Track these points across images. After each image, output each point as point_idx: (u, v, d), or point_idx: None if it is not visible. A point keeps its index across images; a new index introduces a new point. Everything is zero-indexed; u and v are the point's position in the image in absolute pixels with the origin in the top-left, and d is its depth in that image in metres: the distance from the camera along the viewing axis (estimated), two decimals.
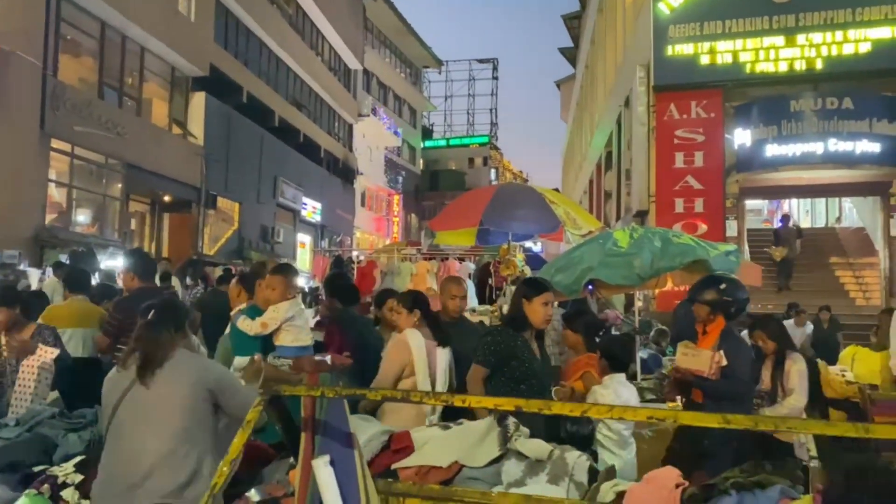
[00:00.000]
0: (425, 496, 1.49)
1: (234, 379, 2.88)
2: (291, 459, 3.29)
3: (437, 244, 12.39)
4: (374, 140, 39.50)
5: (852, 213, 20.20)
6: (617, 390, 4.26)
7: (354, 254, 14.37)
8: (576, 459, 2.97)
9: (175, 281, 11.23)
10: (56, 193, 16.58)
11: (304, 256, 29.31)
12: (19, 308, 4.59)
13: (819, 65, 14.32)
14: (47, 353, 4.43)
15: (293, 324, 4.24)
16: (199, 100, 21.40)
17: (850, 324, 12.88)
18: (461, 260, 11.26)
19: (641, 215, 15.39)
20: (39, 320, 4.92)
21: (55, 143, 15.60)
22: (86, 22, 16.96)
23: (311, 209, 29.99)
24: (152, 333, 2.83)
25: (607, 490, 2.77)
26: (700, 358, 4.23)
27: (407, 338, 4.11)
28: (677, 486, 2.60)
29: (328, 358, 1.59)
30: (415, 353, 4.05)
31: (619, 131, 20.09)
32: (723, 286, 4.36)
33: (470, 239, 10.03)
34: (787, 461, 2.63)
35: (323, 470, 1.46)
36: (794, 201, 24.01)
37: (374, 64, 40.44)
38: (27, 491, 3.22)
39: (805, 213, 24.90)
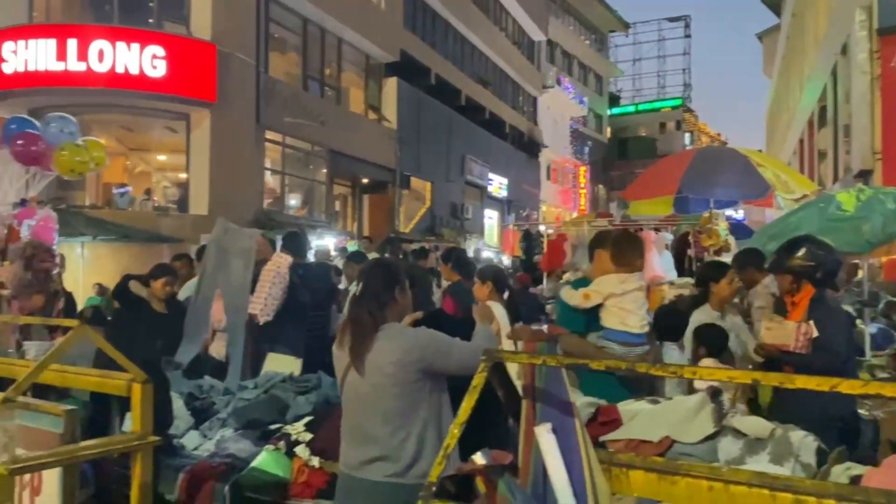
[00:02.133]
0: (650, 468, 1.46)
1: (441, 343, 2.70)
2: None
3: (629, 215, 12.01)
4: (558, 111, 39.00)
5: None
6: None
7: (542, 227, 14.35)
8: (801, 439, 2.75)
9: (375, 257, 11.94)
10: (271, 180, 18.25)
11: (492, 232, 29.81)
12: None
13: None
14: (282, 260, 5.23)
15: (620, 304, 3.78)
16: (391, 85, 22.41)
17: None
18: (657, 230, 10.79)
19: (865, 175, 13.79)
20: None
21: (269, 135, 17.16)
22: (290, 19, 18.37)
23: (498, 185, 30.36)
24: (357, 313, 2.77)
25: (839, 473, 2.54)
26: (784, 330, 3.68)
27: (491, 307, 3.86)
28: None
29: (545, 327, 1.61)
30: (501, 323, 3.87)
31: (835, 83, 18.10)
32: (802, 251, 3.75)
33: (666, 208, 9.62)
34: None
35: (545, 437, 1.48)
36: None
37: (558, 33, 39.78)
38: (266, 446, 3.60)
39: None
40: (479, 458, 1.46)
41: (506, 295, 4.41)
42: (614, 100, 54.95)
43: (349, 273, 5.69)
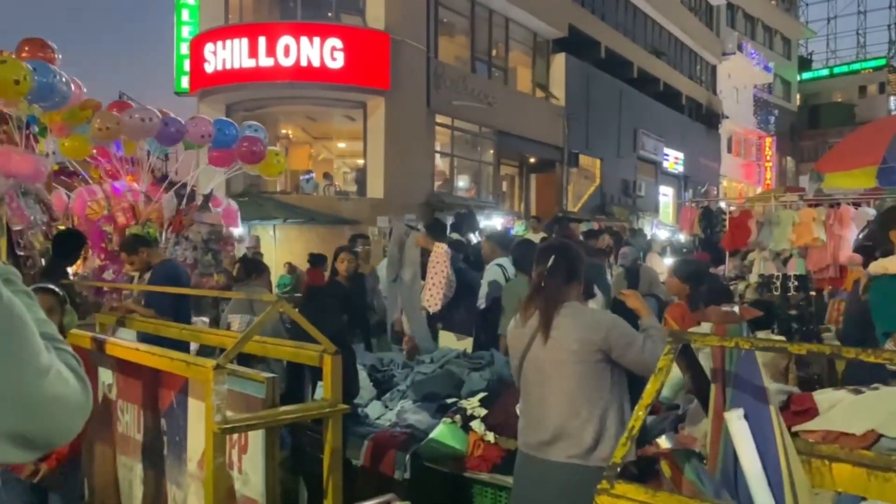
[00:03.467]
0: (858, 462, 1.34)
1: (626, 331, 2.66)
2: (679, 411, 3.27)
3: (823, 188, 10.99)
4: (741, 79, 36.39)
5: None
6: None
7: (723, 203, 13.51)
8: None
9: (543, 236, 11.89)
10: (440, 163, 18.72)
11: (667, 209, 28.56)
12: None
13: None
14: (440, 250, 5.50)
15: None
16: (559, 61, 22.07)
17: None
18: (856, 205, 9.79)
19: None
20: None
21: (438, 118, 17.59)
22: (458, 2, 18.64)
23: (674, 160, 28.98)
24: (548, 282, 2.76)
25: None
26: None
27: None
28: None
29: (736, 308, 1.51)
30: None
31: None
32: None
33: (869, 180, 8.70)
34: None
35: (737, 423, 1.40)
36: None
37: None
38: (444, 419, 3.74)
39: None
40: (663, 442, 1.41)
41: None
42: (805, 63, 50.27)
43: (486, 252, 5.75)
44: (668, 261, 12.21)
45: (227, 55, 15.59)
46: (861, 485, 1.35)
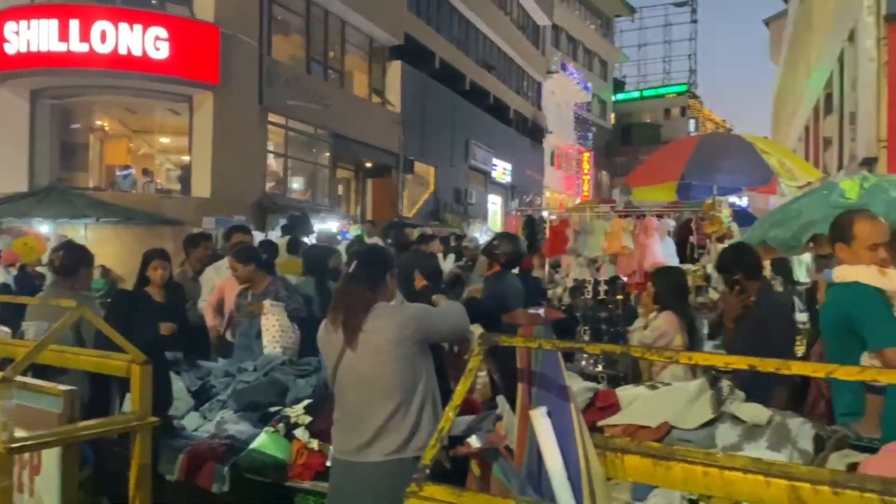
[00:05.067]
0: (645, 453, 1.46)
1: (431, 311, 2.88)
2: (497, 411, 3.40)
3: (632, 201, 11.96)
4: (563, 97, 38.80)
5: None
6: None
7: (545, 213, 14.32)
8: (799, 426, 2.75)
9: (378, 241, 11.95)
10: (273, 163, 18.21)
11: (496, 217, 29.76)
12: (254, 264, 5.09)
13: None
14: (275, 313, 4.82)
15: None
16: (395, 69, 22.30)
17: None
18: (659, 217, 10.76)
19: (869, 163, 13.72)
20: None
21: (272, 117, 17.10)
22: (294, 2, 18.26)
23: (502, 170, 30.27)
24: (350, 289, 2.81)
25: (837, 461, 2.55)
26: None
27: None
28: None
29: (542, 311, 1.59)
30: None
31: (842, 70, 17.96)
32: None
33: (670, 194, 9.59)
34: None
35: (541, 421, 1.48)
36: None
37: (563, 17, 39.50)
38: (266, 428, 3.62)
39: None
40: (473, 441, 1.45)
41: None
42: (619, 85, 54.63)
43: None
44: None
45: (33, 36, 14.15)
46: (649, 474, 1.47)
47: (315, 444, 3.46)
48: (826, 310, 3.28)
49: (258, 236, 12.55)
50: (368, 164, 21.93)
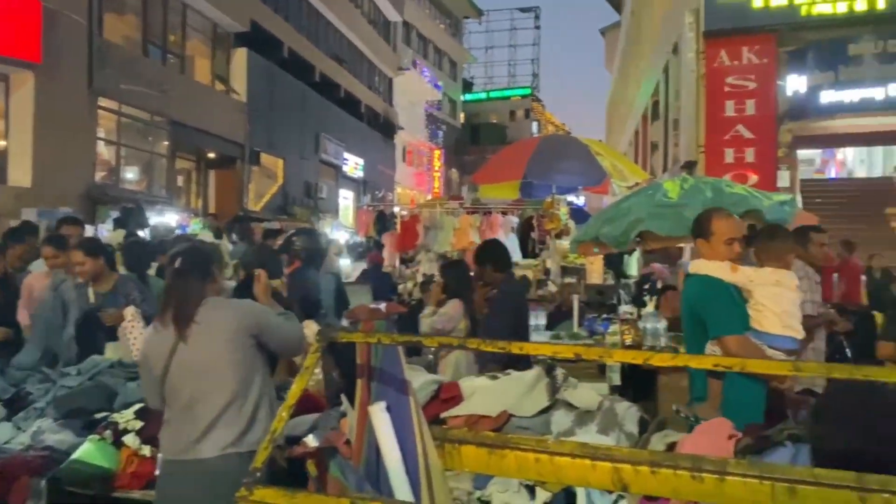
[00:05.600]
0: (480, 443, 1.49)
1: (271, 317, 2.87)
2: (342, 408, 3.36)
3: (479, 198, 12.32)
4: (414, 94, 39.18)
5: None
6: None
7: (396, 209, 14.41)
8: (626, 410, 2.95)
9: (224, 237, 11.46)
10: (105, 151, 16.90)
11: (347, 212, 29.54)
12: (103, 258, 4.50)
13: (881, 4, 13.61)
14: (138, 321, 4.24)
15: (762, 302, 3.18)
16: (240, 56, 21.44)
17: None
18: (504, 214, 11.19)
19: (690, 166, 15.03)
20: None
21: (102, 102, 15.84)
22: None
23: (353, 165, 30.06)
24: (179, 282, 2.80)
25: (658, 441, 2.75)
26: None
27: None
28: (730, 437, 2.57)
29: (383, 306, 1.57)
30: None
31: (667, 80, 19.51)
32: None
33: (513, 192, 9.97)
34: None
35: (379, 416, 1.47)
36: (850, 150, 23.11)
37: (414, 15, 39.86)
38: (91, 436, 3.35)
39: (860, 163, 23.98)
40: (310, 441, 1.42)
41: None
42: (468, 86, 56.04)
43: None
44: (346, 262, 12.59)
45: None
46: (485, 463, 1.51)
47: (147, 450, 3.25)
48: (682, 300, 3.57)
49: (89, 230, 11.64)
50: (211, 155, 20.94)
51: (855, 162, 24.07)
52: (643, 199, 5.66)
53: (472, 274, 5.19)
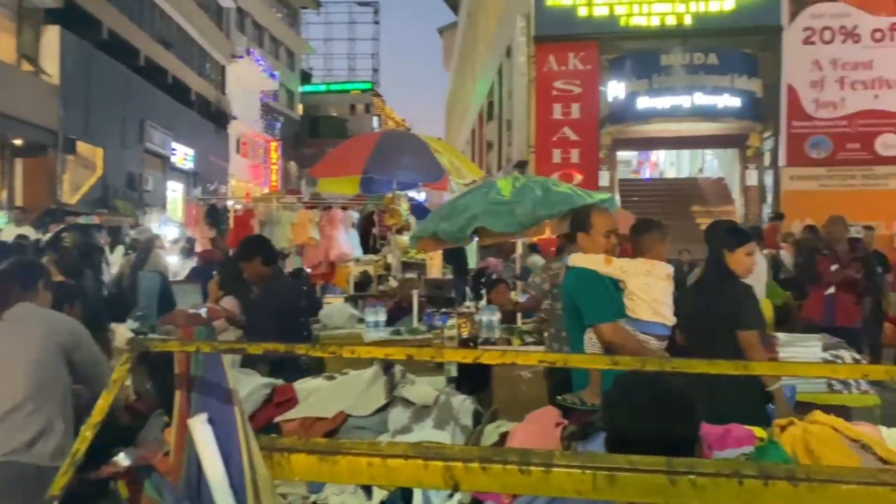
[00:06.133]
0: (311, 450, 1.44)
1: (91, 343, 2.74)
2: (167, 417, 3.15)
3: (319, 192, 12.11)
4: (249, 83, 37.72)
5: (713, 163, 21.56)
6: None
7: (230, 203, 13.81)
8: (461, 403, 3.01)
9: (30, 231, 10.38)
10: None
11: (176, 205, 27.90)
12: None
13: (688, 20, 14.98)
14: None
15: (634, 291, 3.41)
16: (52, 34, 19.50)
17: None
18: (344, 209, 11.07)
19: (522, 165, 15.72)
20: None
21: None
22: None
23: (183, 155, 28.41)
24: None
25: (491, 431, 2.84)
26: None
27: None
28: (557, 424, 2.69)
29: (203, 310, 1.46)
30: None
31: (501, 81, 20.26)
32: None
33: (353, 187, 9.88)
34: None
35: (200, 429, 1.37)
36: (662, 153, 25.29)
37: (249, 2, 38.38)
38: None
39: (670, 165, 26.33)
40: (122, 460, 1.30)
41: None
42: (306, 77, 54.90)
43: None
44: (173, 259, 11.90)
45: None
46: (315, 471, 1.45)
47: None
48: (562, 292, 3.74)
49: None
50: (17, 141, 18.89)
51: (666, 163, 26.41)
52: (478, 196, 5.82)
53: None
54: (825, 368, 1.67)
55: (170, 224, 21.76)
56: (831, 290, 6.62)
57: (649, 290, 3.43)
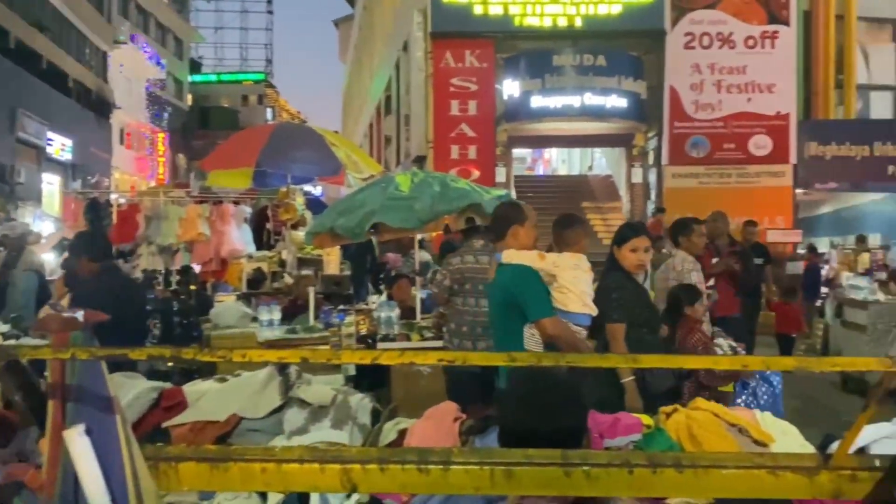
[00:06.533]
0: (201, 458, 1.37)
1: None
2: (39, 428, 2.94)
3: (209, 186, 11.65)
4: (133, 71, 35.79)
5: (602, 162, 22.39)
6: None
7: (113, 196, 13.07)
8: (359, 402, 2.98)
9: None
10: None
11: (52, 199, 26.12)
12: None
13: (578, 22, 15.45)
14: None
15: (565, 285, 3.47)
16: None
17: (597, 261, 14.35)
18: (236, 203, 10.70)
19: (420, 160, 15.76)
20: None
21: None
22: None
23: (60, 146, 26.61)
24: None
25: (390, 429, 2.82)
26: None
27: None
28: (456, 419, 2.71)
29: (80, 314, 1.35)
30: None
31: (398, 76, 20.21)
32: None
33: (246, 181, 9.59)
34: None
35: (77, 441, 1.27)
36: (555, 151, 26.04)
37: None
38: None
39: (562, 162, 27.16)
40: None
41: None
42: (196, 66, 52.71)
43: None
44: (49, 256, 11.17)
45: None
46: (206, 480, 1.39)
47: None
48: (493, 289, 3.68)
49: None
50: None
51: (558, 161, 27.22)
52: (377, 191, 5.78)
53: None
54: (707, 360, 1.77)
55: (45, 219, 20.38)
56: (711, 281, 7.03)
57: (578, 283, 3.51)
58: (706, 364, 2.02)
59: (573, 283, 3.50)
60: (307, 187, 13.77)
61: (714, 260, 6.96)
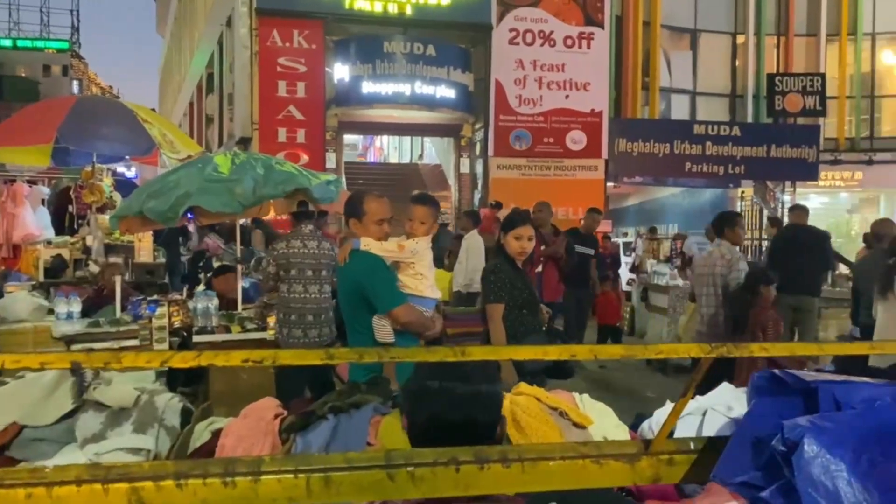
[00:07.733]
0: None
1: None
2: None
3: (0, 164, 10.44)
4: None
5: (431, 151, 22.73)
6: None
7: None
8: (167, 402, 2.71)
9: None
10: None
11: None
12: None
13: (409, 10, 15.47)
14: None
15: (420, 272, 3.46)
16: None
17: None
18: (31, 183, 9.62)
19: (245, 142, 15.04)
20: None
21: None
22: None
23: None
24: None
25: (202, 430, 2.59)
26: None
27: None
28: (276, 416, 2.54)
29: None
30: None
31: (221, 53, 19.17)
32: None
33: (44, 159, 8.66)
34: (381, 381, 2.76)
35: None
36: (386, 139, 26.05)
37: None
38: None
39: (394, 150, 27.26)
40: None
41: None
42: None
43: None
44: None
45: None
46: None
47: None
48: (346, 276, 3.47)
49: None
50: None
51: (390, 149, 27.28)
52: (193, 172, 5.36)
53: None
54: (538, 350, 1.77)
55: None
56: (539, 268, 7.34)
57: (430, 268, 3.56)
58: (536, 355, 2.02)
59: (428, 270, 3.55)
60: (120, 168, 12.67)
61: (542, 247, 7.29)
